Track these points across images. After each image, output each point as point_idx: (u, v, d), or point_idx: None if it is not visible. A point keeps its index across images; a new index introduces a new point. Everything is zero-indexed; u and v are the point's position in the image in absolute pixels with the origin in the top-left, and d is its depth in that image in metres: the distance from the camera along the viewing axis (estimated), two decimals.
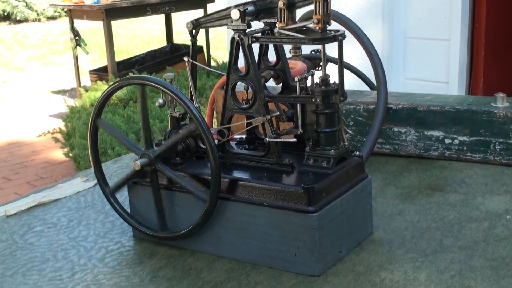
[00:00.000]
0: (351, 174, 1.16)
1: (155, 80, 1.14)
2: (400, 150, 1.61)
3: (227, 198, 1.14)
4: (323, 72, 1.14)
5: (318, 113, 1.14)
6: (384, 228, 1.24)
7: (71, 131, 4.49)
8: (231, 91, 1.19)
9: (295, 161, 1.17)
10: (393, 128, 1.60)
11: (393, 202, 1.36)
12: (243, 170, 1.18)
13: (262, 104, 1.15)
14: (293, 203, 1.07)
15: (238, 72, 1.17)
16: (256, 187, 1.11)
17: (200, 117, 1.10)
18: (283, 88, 1.23)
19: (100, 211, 1.41)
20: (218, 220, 1.15)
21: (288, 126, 1.23)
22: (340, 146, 1.16)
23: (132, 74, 5.46)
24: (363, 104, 1.62)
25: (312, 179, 1.11)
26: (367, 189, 1.20)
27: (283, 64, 1.22)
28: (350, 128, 1.64)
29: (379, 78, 1.57)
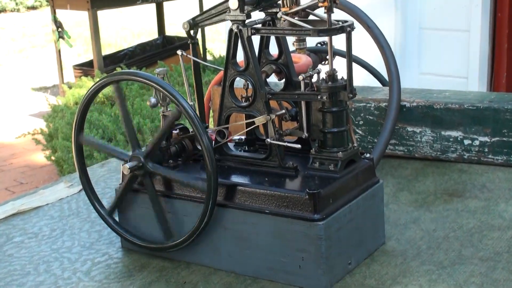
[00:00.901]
0: (360, 179, 1.17)
1: (145, 76, 1.15)
2: (414, 152, 1.61)
3: (225, 205, 1.14)
4: (330, 66, 1.14)
5: (325, 111, 1.14)
6: (397, 237, 1.24)
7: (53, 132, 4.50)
8: (229, 87, 1.19)
9: (300, 164, 1.17)
10: (407, 128, 1.61)
11: (407, 209, 1.36)
12: (243, 174, 1.18)
13: (263, 102, 1.16)
14: (297, 210, 1.08)
15: (237, 67, 1.18)
16: (257, 193, 1.11)
17: (195, 116, 1.10)
18: (286, 84, 1.24)
19: (85, 220, 1.41)
20: (216, 229, 1.15)
21: (291, 126, 1.23)
22: (349, 148, 1.16)
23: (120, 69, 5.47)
24: (374, 102, 1.62)
25: (318, 183, 1.11)
26: (379, 195, 1.20)
27: (286, 58, 1.23)
28: (360, 128, 1.64)
29: (392, 73, 1.57)
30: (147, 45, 6.45)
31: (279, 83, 1.47)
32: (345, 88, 1.13)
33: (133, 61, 6.10)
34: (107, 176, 1.63)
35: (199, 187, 1.12)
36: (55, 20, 5.89)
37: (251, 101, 1.17)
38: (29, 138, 5.01)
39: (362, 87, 1.71)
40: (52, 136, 4.57)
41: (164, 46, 6.45)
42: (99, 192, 1.44)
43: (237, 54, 1.18)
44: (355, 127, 1.64)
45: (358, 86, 1.59)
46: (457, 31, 3.27)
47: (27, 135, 4.88)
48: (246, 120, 1.20)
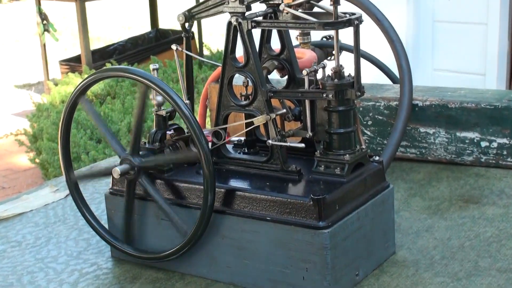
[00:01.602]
0: (369, 183, 1.17)
1: (137, 72, 1.15)
2: (427, 154, 1.62)
3: (223, 211, 1.14)
4: (336, 62, 1.15)
5: (330, 111, 1.15)
6: (409, 247, 1.25)
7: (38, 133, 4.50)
8: (227, 85, 1.19)
9: (303, 168, 1.17)
10: (420, 128, 1.61)
11: (420, 217, 1.36)
12: (242, 178, 1.18)
13: (264, 100, 1.16)
14: (301, 217, 1.08)
15: (236, 63, 1.18)
16: (257, 198, 1.12)
17: (191, 116, 1.11)
18: (288, 82, 1.24)
19: (72, 227, 1.41)
20: (213, 238, 1.16)
21: (294, 126, 1.24)
22: (357, 150, 1.16)
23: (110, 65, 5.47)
24: (383, 100, 1.63)
25: (323, 188, 1.11)
26: (389, 201, 1.20)
27: (289, 53, 1.23)
28: (369, 129, 1.65)
29: (403, 69, 1.58)
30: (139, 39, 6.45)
31: (281, 80, 1.47)
32: (353, 86, 1.13)
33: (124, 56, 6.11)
34: (95, 180, 1.63)
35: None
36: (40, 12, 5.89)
37: (251, 100, 1.17)
38: (11, 139, 5.01)
39: (371, 84, 1.71)
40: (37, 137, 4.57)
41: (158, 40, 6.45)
42: (88, 197, 1.44)
43: (236, 49, 1.19)
44: (363, 127, 1.64)
45: (367, 83, 1.59)
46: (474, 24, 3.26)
47: (10, 136, 4.88)
48: (246, 120, 1.20)
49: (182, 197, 1.18)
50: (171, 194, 1.19)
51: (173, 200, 1.18)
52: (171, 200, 1.18)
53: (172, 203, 1.18)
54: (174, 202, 1.18)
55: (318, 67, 1.16)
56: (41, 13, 5.88)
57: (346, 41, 1.79)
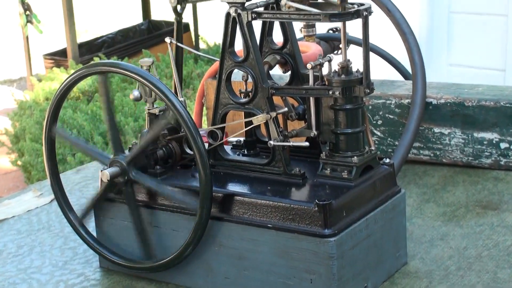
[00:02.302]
0: (379, 188, 1.17)
1: (128, 67, 1.15)
2: (442, 157, 1.62)
3: (221, 218, 1.14)
4: (344, 57, 1.15)
5: (337, 109, 1.15)
6: (422, 257, 1.25)
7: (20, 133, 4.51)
8: (225, 81, 1.20)
9: (308, 171, 1.18)
10: (434, 128, 1.61)
11: (434, 224, 1.36)
12: (241, 182, 1.18)
13: (265, 97, 1.17)
14: (305, 225, 1.08)
15: (235, 57, 1.19)
16: (258, 204, 1.12)
17: (186, 115, 1.11)
18: (292, 78, 1.24)
19: (57, 235, 1.41)
20: (209, 246, 1.16)
21: (298, 125, 1.24)
22: (365, 152, 1.17)
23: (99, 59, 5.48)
24: (394, 98, 1.63)
25: (329, 193, 1.11)
26: (400, 207, 1.21)
27: (292, 46, 1.23)
28: (378, 129, 1.65)
29: (416, 64, 1.58)
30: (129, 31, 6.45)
31: (284, 76, 1.47)
32: (361, 82, 1.14)
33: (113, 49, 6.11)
34: (83, 184, 1.64)
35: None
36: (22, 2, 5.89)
37: (251, 97, 1.18)
38: None
39: (381, 81, 1.71)
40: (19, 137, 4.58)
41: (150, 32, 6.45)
42: (74, 202, 1.45)
43: (235, 42, 1.19)
44: (372, 127, 1.64)
45: (376, 79, 1.60)
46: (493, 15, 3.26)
47: None
48: (245, 119, 1.21)
49: (176, 203, 1.18)
50: (165, 199, 1.19)
51: (166, 205, 1.18)
52: (164, 205, 1.18)
53: (165, 209, 1.18)
54: (167, 208, 1.18)
55: (323, 62, 1.16)
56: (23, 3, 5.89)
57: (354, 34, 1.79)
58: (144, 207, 1.19)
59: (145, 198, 1.20)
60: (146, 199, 1.20)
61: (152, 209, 1.19)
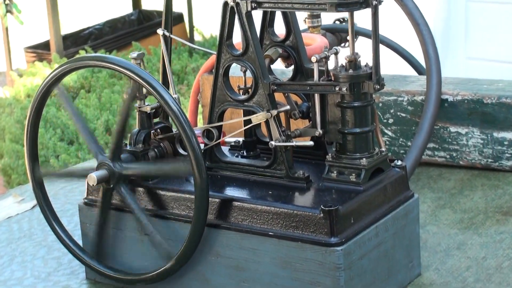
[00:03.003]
0: (390, 192, 1.17)
1: (117, 61, 1.16)
2: (459, 158, 1.62)
3: (218, 225, 1.15)
4: (351, 50, 1.15)
5: (344, 107, 1.15)
6: (437, 267, 1.25)
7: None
8: (222, 76, 1.20)
9: (312, 174, 1.18)
10: (450, 128, 1.62)
11: (450, 232, 1.37)
12: (240, 186, 1.19)
13: (266, 94, 1.17)
14: (310, 233, 1.08)
15: (233, 50, 1.19)
16: (258, 210, 1.12)
17: (179, 113, 1.11)
18: (295, 72, 1.24)
19: (40, 244, 1.42)
20: (206, 256, 1.16)
21: (302, 125, 1.24)
22: (375, 153, 1.17)
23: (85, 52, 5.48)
24: (407, 95, 1.63)
25: (335, 198, 1.12)
26: (413, 213, 1.21)
27: (296, 39, 1.24)
28: (389, 128, 1.65)
29: (430, 58, 1.58)
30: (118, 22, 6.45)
31: (286, 70, 1.48)
32: (370, 77, 1.14)
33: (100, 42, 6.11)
34: (68, 189, 1.64)
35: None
36: None
37: (250, 94, 1.18)
38: None
39: (392, 76, 1.72)
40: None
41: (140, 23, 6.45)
42: (58, 208, 1.45)
43: (233, 34, 1.19)
44: (383, 126, 1.64)
45: (387, 74, 1.60)
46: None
47: None
48: (245, 117, 1.21)
49: (169, 209, 1.18)
50: (155, 205, 1.19)
51: (158, 212, 1.19)
52: (155, 212, 1.19)
53: (157, 215, 1.18)
54: (159, 214, 1.18)
55: (329, 55, 1.16)
56: None
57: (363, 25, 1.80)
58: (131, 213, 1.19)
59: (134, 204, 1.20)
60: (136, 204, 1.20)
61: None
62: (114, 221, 1.21)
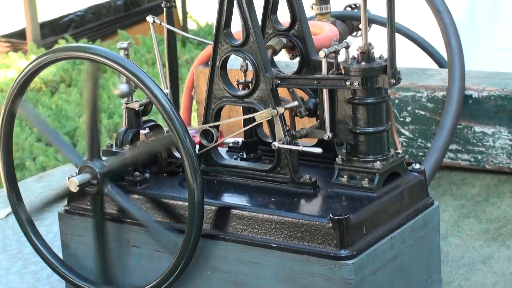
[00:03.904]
0: (407, 199, 1.18)
1: (101, 52, 1.16)
2: (485, 162, 1.62)
3: (214, 236, 1.15)
4: (364, 40, 1.15)
5: (356, 103, 1.16)
6: (459, 283, 1.25)
7: None
8: (219, 69, 1.20)
9: (320, 179, 1.18)
10: (474, 127, 1.62)
11: (474, 244, 1.37)
12: (239, 192, 1.19)
13: (268, 89, 1.17)
14: (317, 244, 1.09)
15: (232, 40, 1.19)
16: (259, 218, 1.12)
17: (171, 110, 1.11)
18: (301, 65, 1.25)
19: (15, 257, 1.41)
20: (201, 271, 1.16)
21: (309, 124, 1.24)
22: (390, 156, 1.17)
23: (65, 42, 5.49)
24: (426, 90, 1.63)
25: (346, 206, 1.12)
26: (433, 223, 1.21)
27: (302, 27, 1.24)
28: (406, 128, 1.65)
29: (452, 49, 1.58)
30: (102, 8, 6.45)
31: (291, 63, 1.48)
32: (385, 71, 1.14)
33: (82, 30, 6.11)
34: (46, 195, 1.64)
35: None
36: None
37: (251, 89, 1.18)
38: None
39: (410, 69, 1.72)
40: None
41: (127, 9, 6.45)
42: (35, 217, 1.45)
43: (231, 22, 1.19)
44: (399, 125, 1.65)
45: (404, 67, 1.60)
46: None
47: None
48: (244, 115, 1.21)
49: (159, 217, 1.19)
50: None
51: None
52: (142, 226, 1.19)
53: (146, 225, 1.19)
54: None
55: (339, 47, 1.17)
56: None
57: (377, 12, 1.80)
58: (120, 222, 1.20)
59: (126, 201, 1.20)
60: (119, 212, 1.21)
61: (130, 225, 1.20)
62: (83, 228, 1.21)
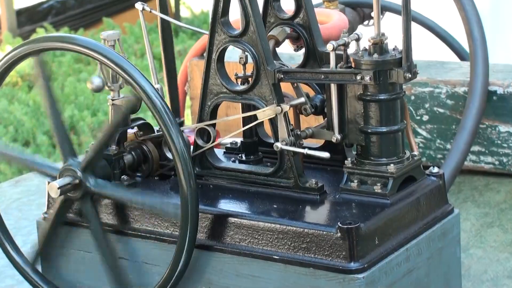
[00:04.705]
0: (424, 207, 1.18)
1: (84, 43, 1.16)
2: (511, 165, 1.62)
3: (210, 247, 1.15)
4: (377, 29, 1.16)
5: (368, 100, 1.16)
6: None
7: None
8: (216, 62, 1.20)
9: (327, 183, 1.18)
10: (499, 127, 1.62)
11: (499, 256, 1.37)
12: (238, 198, 1.19)
13: (270, 84, 1.17)
14: (324, 256, 1.09)
15: (229, 30, 1.19)
16: (260, 228, 1.12)
17: (163, 107, 1.12)
18: (307, 57, 1.25)
19: None
20: (195, 285, 1.16)
21: (315, 122, 1.25)
22: (405, 158, 1.18)
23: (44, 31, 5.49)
24: (446, 85, 1.63)
25: (356, 214, 1.12)
26: (453, 233, 1.21)
27: (307, 15, 1.24)
28: (424, 127, 1.65)
29: (475, 40, 1.58)
30: None
31: (295, 55, 1.48)
32: (400, 64, 1.15)
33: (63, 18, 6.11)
34: (23, 201, 1.64)
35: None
36: None
37: (251, 84, 1.18)
38: None
39: (428, 62, 1.72)
40: None
41: None
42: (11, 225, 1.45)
43: (229, 10, 1.20)
44: (415, 125, 1.65)
45: (421, 60, 1.60)
46: None
47: None
48: (244, 113, 1.21)
49: (148, 226, 1.19)
50: (130, 221, 1.20)
51: (135, 229, 1.19)
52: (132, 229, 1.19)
53: (131, 235, 1.19)
54: (134, 233, 1.19)
55: (349, 39, 1.17)
56: None
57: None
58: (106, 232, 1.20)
59: (107, 220, 1.21)
60: (109, 221, 1.21)
61: (117, 236, 1.20)
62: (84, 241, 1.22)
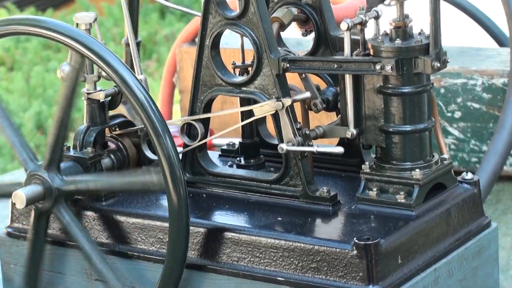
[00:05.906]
0: (456, 220, 1.18)
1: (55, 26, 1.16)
2: None
3: (203, 266, 1.16)
4: (399, 10, 1.16)
5: (389, 93, 1.16)
6: None
7: None
8: (210, 48, 1.21)
9: (341, 192, 1.19)
10: None
11: None
12: (235, 209, 1.20)
13: (273, 75, 1.17)
14: (337, 278, 1.09)
15: (226, 11, 1.20)
16: (262, 244, 1.13)
17: (146, 101, 1.12)
18: (316, 43, 1.25)
19: None
20: None
21: (326, 120, 1.25)
22: (433, 162, 1.18)
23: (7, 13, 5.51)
24: (481, 77, 1.63)
25: (375, 228, 1.13)
26: (490, 251, 1.21)
27: None
28: (455, 126, 1.65)
29: None
30: None
31: (304, 40, 1.49)
32: (427, 51, 1.15)
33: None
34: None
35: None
36: None
37: (251, 75, 1.19)
38: None
39: (461, 48, 1.72)
40: None
41: None
42: None
43: None
44: (445, 123, 1.65)
45: (452, 47, 1.60)
46: None
47: None
48: (242, 108, 1.22)
49: (132, 243, 1.19)
50: (113, 237, 1.20)
51: (116, 247, 1.20)
52: (112, 247, 1.20)
53: (115, 252, 1.19)
54: (117, 250, 1.19)
55: (367, 17, 1.17)
56: None
57: None
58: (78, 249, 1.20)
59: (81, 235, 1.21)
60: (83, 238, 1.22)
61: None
62: (52, 260, 1.23)
